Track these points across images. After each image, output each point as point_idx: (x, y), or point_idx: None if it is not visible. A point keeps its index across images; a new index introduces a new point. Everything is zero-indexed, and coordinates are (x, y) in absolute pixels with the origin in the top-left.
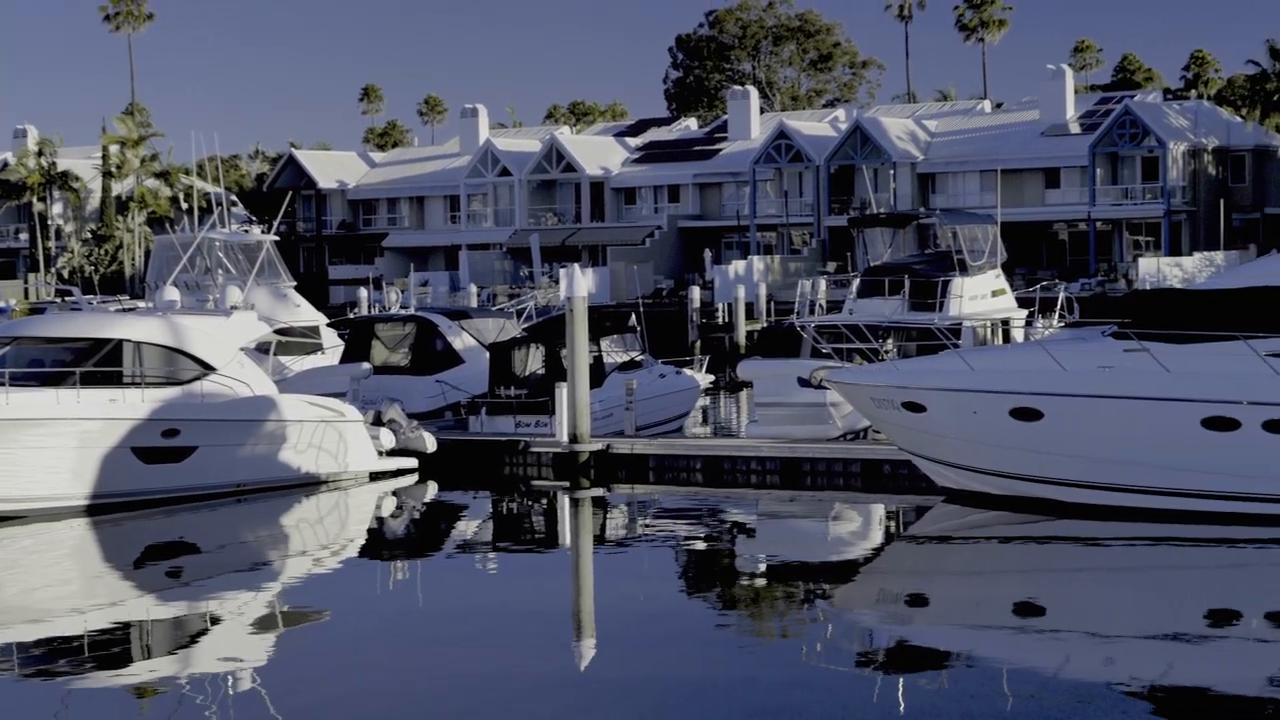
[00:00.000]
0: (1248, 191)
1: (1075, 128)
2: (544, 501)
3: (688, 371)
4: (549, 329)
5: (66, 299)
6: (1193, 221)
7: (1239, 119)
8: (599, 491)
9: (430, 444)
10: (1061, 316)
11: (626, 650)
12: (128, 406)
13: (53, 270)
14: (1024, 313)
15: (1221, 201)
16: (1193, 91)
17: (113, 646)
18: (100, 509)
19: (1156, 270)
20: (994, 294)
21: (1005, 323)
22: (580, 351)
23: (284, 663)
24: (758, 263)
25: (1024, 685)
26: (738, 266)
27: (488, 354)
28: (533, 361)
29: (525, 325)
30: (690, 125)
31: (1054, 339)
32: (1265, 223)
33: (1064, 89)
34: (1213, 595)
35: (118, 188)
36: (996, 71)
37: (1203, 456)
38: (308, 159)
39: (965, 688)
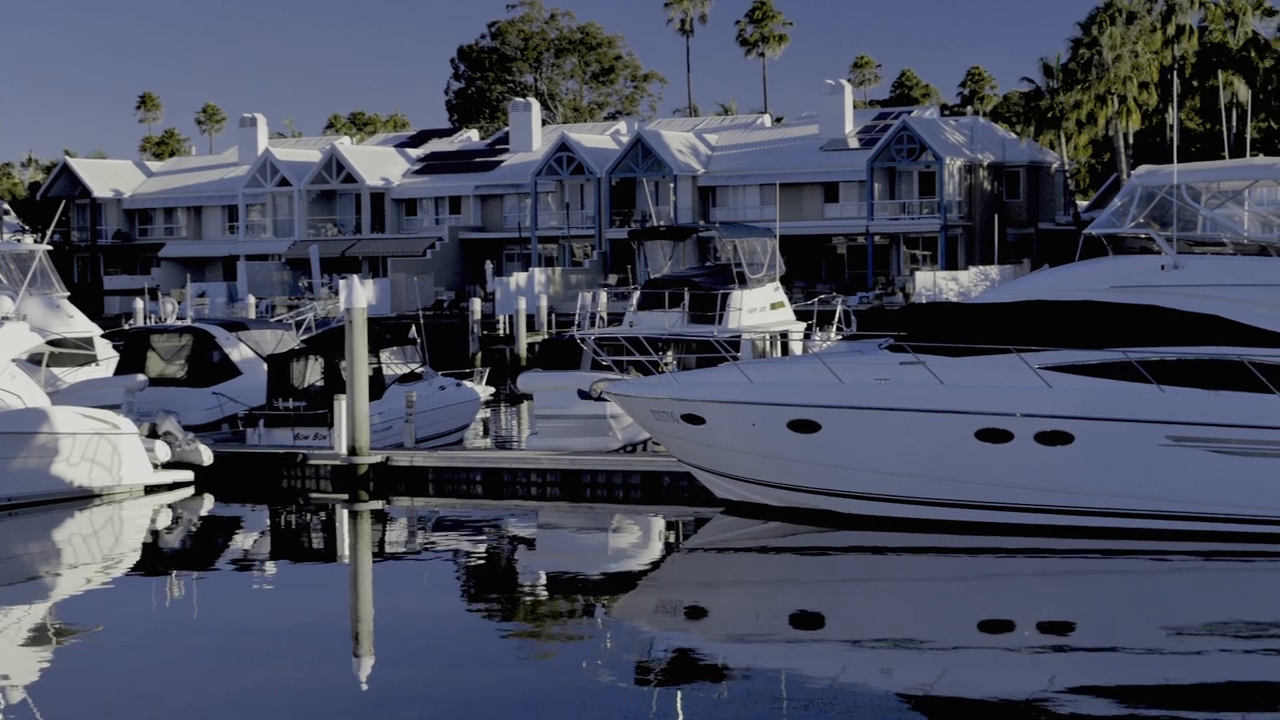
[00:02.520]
0: (1022, 206)
1: (854, 143)
2: (322, 515)
3: (468, 384)
4: (328, 341)
5: None
6: (968, 236)
7: (1014, 135)
8: (378, 504)
9: (207, 457)
10: (839, 329)
11: (406, 664)
12: None
13: None
14: (802, 325)
15: (996, 216)
16: (969, 108)
17: None
18: None
19: (933, 284)
20: (773, 307)
21: (784, 335)
22: (359, 363)
23: (55, 677)
24: (539, 275)
25: (801, 695)
26: (519, 278)
27: (266, 366)
28: (311, 373)
29: (304, 337)
30: (472, 137)
31: (832, 352)
32: (1039, 237)
33: (843, 104)
34: (986, 605)
35: None
36: (777, 86)
37: (977, 468)
38: (82, 167)
39: (744, 698)
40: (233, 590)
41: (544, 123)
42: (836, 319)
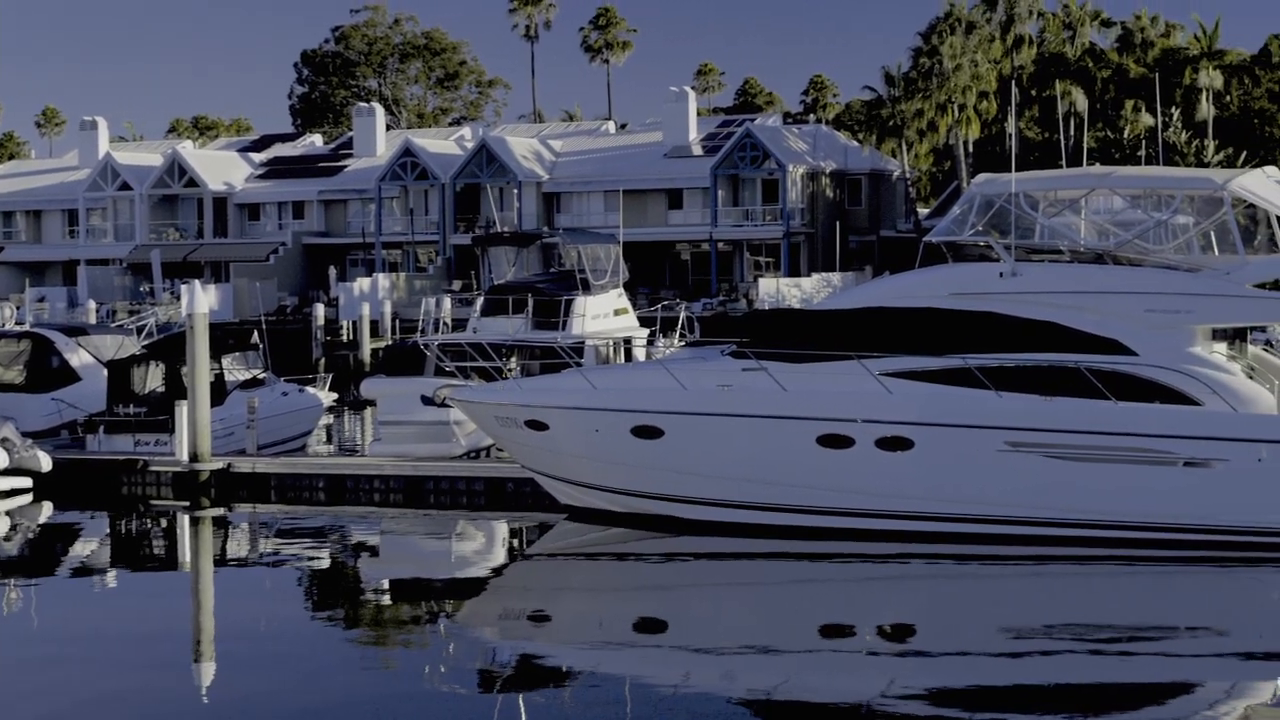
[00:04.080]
0: (864, 214)
1: (698, 149)
2: (163, 521)
3: (311, 389)
4: (169, 346)
5: None
6: (811, 243)
7: (856, 143)
8: (220, 511)
9: (45, 463)
10: (682, 335)
11: (247, 673)
12: None
13: None
14: (646, 332)
15: (838, 223)
16: (812, 116)
17: None
18: None
19: (776, 290)
20: (616, 313)
21: (627, 341)
22: (201, 369)
23: None
24: (383, 280)
25: (645, 700)
26: (363, 284)
27: (106, 371)
28: (152, 379)
29: (145, 342)
30: (316, 141)
31: (675, 358)
32: (880, 245)
33: (687, 111)
34: (828, 609)
35: None
36: (621, 93)
37: (818, 474)
38: None
39: (587, 704)
40: (72, 598)
41: (388, 128)
42: (680, 325)
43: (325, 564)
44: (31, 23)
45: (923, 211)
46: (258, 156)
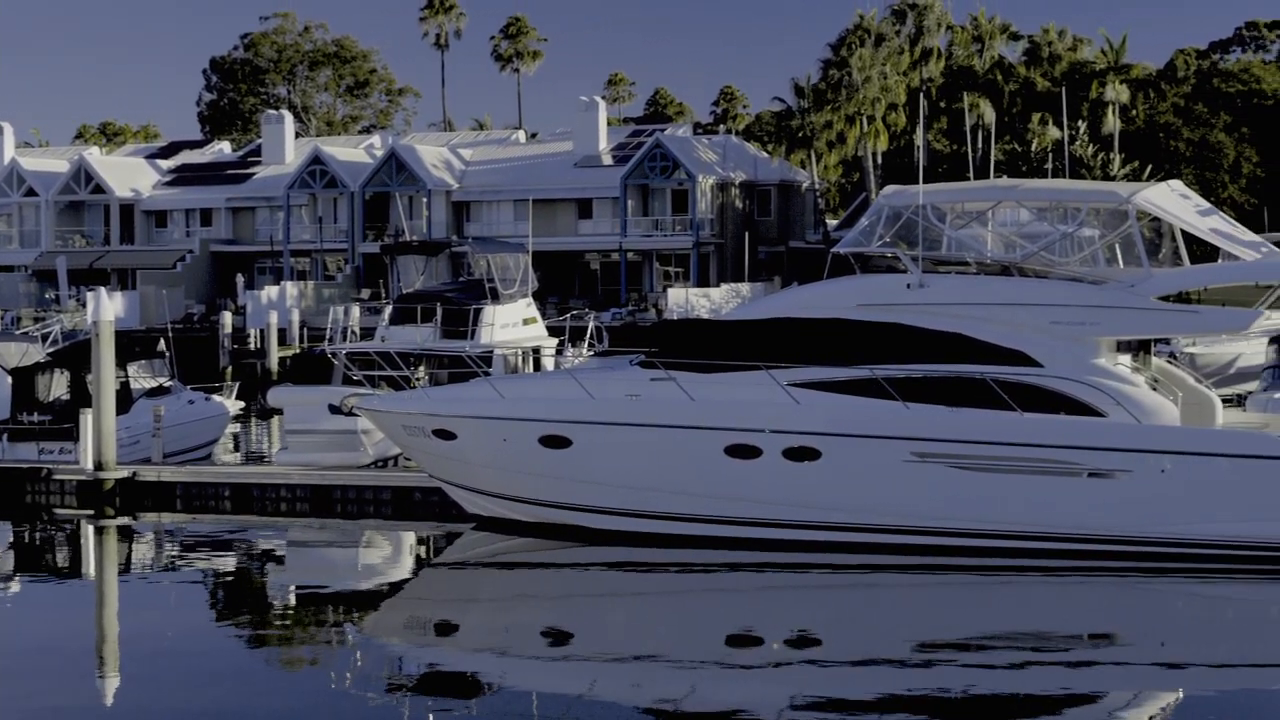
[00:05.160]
0: (773, 225)
1: (608, 159)
2: (67, 530)
3: (217, 398)
4: (75, 354)
5: None
6: (720, 253)
7: (766, 154)
8: (125, 520)
9: None
10: (591, 345)
11: (152, 683)
12: None
13: None
14: (554, 341)
15: (748, 234)
16: (722, 127)
17: None
18: None
19: (685, 300)
20: (525, 322)
21: (536, 351)
22: (106, 377)
23: None
24: (291, 288)
25: (551, 709)
26: (270, 292)
27: (10, 379)
28: (57, 387)
29: (50, 350)
30: (224, 148)
31: (583, 368)
32: (789, 255)
33: (597, 121)
34: (734, 619)
35: None
36: (532, 102)
37: (726, 484)
38: None
39: (494, 713)
40: None
41: (297, 135)
42: (589, 335)
43: (231, 574)
44: None
45: (831, 223)
46: (165, 163)
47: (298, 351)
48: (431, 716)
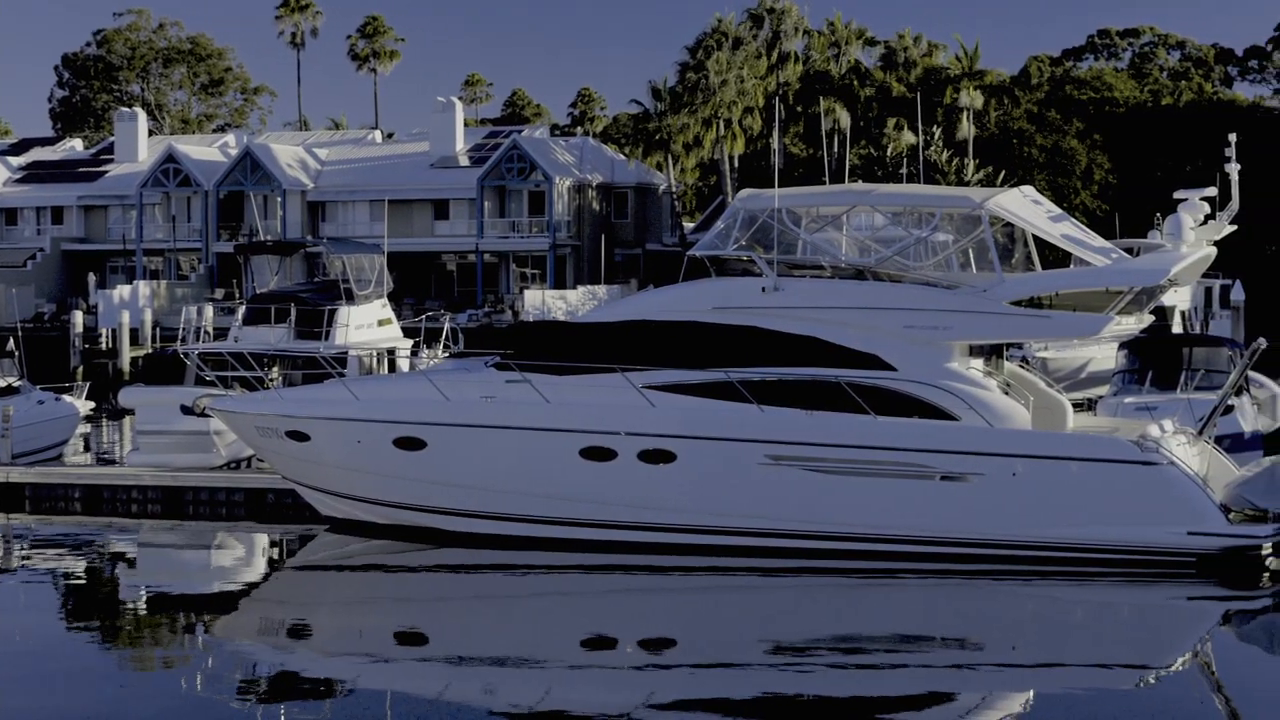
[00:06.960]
0: (630, 227)
1: (465, 160)
2: None
3: (68, 398)
4: None
5: None
6: (577, 255)
7: (623, 157)
8: None
9: None
10: (446, 347)
11: (1, 688)
12: None
13: None
14: (410, 342)
15: (604, 236)
16: (580, 128)
17: None
18: None
19: (541, 302)
20: (380, 323)
21: (391, 352)
22: None
23: None
24: (144, 288)
25: (404, 713)
26: (123, 291)
27: None
28: None
29: None
30: (76, 146)
31: (438, 369)
32: (646, 258)
33: (454, 122)
34: (589, 622)
35: None
36: (388, 102)
37: (581, 486)
38: None
39: (347, 716)
40: None
41: (151, 133)
42: (444, 336)
43: (81, 576)
44: None
45: (688, 225)
46: (16, 160)
47: (150, 351)
48: (284, 719)
